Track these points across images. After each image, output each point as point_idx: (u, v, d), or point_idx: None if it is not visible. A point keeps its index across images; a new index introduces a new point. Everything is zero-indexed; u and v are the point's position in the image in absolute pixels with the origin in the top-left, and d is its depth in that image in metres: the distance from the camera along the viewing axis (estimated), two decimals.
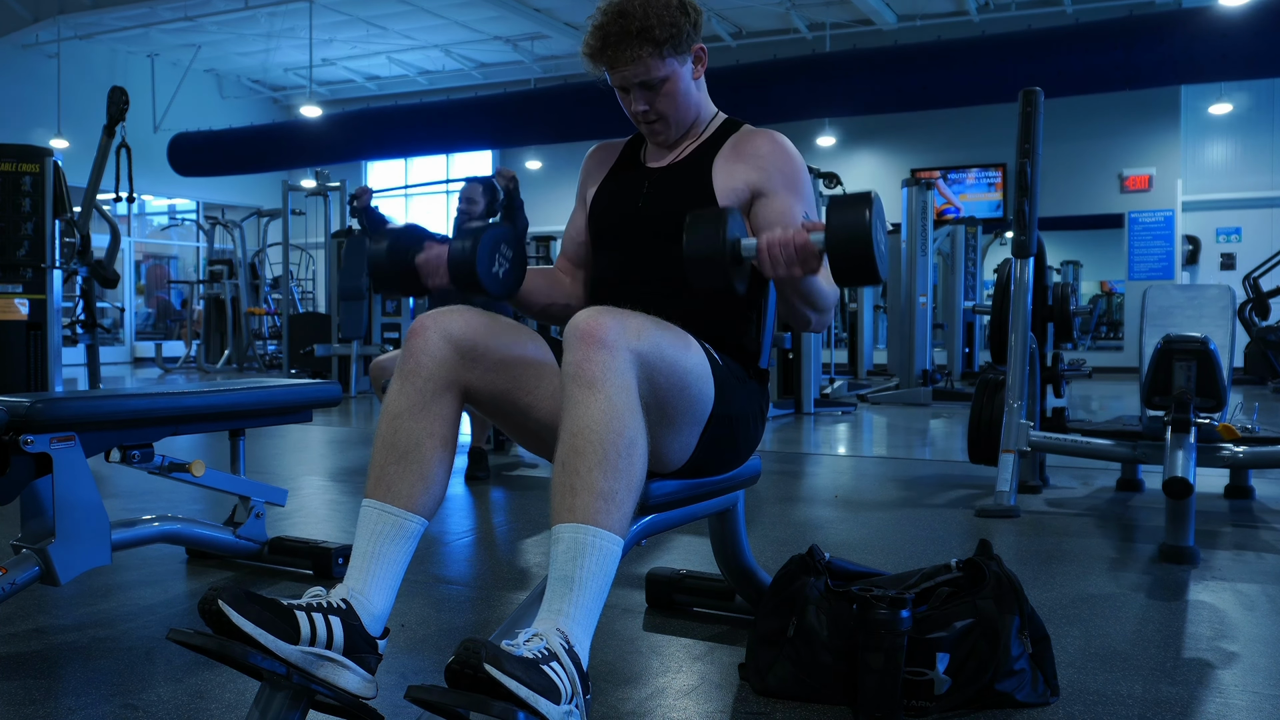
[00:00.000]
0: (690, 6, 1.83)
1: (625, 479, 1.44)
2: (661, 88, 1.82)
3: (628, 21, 1.76)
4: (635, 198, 1.91)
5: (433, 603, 2.48)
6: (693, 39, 1.83)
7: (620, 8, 1.78)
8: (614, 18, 1.78)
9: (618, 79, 1.83)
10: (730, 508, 2.03)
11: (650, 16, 1.77)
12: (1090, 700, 1.81)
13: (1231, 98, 12.87)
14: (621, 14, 1.77)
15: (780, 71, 11.21)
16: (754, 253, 1.58)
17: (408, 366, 1.63)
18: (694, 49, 1.85)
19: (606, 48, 1.79)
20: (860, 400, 8.61)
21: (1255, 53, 9.28)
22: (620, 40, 1.77)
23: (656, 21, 1.77)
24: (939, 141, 13.92)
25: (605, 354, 1.46)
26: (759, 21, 14.10)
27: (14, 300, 4.88)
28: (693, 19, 1.83)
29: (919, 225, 9.38)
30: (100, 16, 13.66)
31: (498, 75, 16.36)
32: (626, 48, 1.77)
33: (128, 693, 1.85)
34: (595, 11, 1.82)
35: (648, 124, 1.88)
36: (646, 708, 1.80)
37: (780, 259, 1.56)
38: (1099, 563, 2.88)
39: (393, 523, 1.55)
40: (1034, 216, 3.87)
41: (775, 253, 1.56)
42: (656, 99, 1.84)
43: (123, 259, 14.84)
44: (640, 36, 1.76)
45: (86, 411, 2.23)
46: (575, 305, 1.99)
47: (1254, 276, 8.83)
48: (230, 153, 14.85)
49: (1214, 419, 3.41)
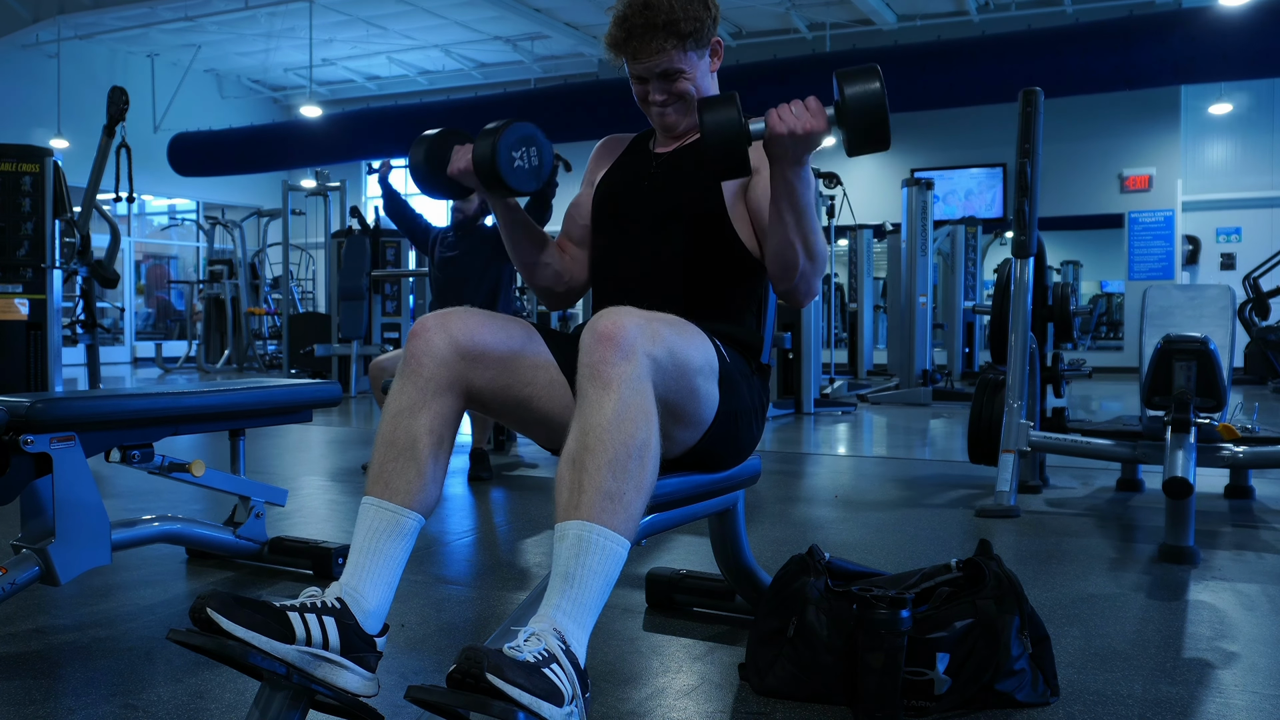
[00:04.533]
0: (711, 0, 1.85)
1: (634, 481, 1.43)
2: (681, 79, 1.85)
3: (653, 14, 1.78)
4: (641, 179, 1.94)
5: (433, 603, 2.48)
6: (712, 32, 1.86)
7: (645, 0, 1.79)
8: (639, 10, 1.80)
9: (638, 69, 1.85)
10: (730, 508, 2.03)
11: (675, 10, 1.79)
12: (1090, 700, 1.81)
13: (1231, 98, 12.87)
14: (647, 6, 1.79)
15: (780, 71, 11.21)
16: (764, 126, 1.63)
17: (409, 367, 1.63)
18: (713, 42, 1.88)
19: (631, 39, 1.81)
20: (860, 400, 8.61)
21: (1255, 53, 9.28)
22: (645, 32, 1.79)
23: (682, 15, 1.79)
24: (939, 141, 13.91)
25: (622, 358, 1.46)
26: (759, 21, 14.09)
27: (14, 300, 4.88)
28: (713, 13, 1.86)
29: (919, 225, 9.38)
30: (100, 16, 13.65)
31: (498, 75, 16.36)
32: (651, 39, 1.80)
33: (128, 693, 1.85)
34: (617, 3, 1.83)
35: (661, 112, 1.89)
36: (646, 708, 1.80)
37: (791, 114, 1.61)
38: (1099, 563, 2.88)
39: (389, 519, 1.55)
40: (1034, 216, 3.87)
41: (785, 111, 1.61)
42: (675, 90, 1.86)
43: (123, 259, 14.85)
44: (666, 30, 1.79)
45: (86, 411, 2.23)
46: (565, 278, 2.02)
47: (1254, 276, 8.82)
48: (230, 153, 14.85)
49: (1214, 419, 3.41)
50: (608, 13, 1.87)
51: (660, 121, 1.93)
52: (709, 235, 1.85)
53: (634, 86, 1.89)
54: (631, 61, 1.84)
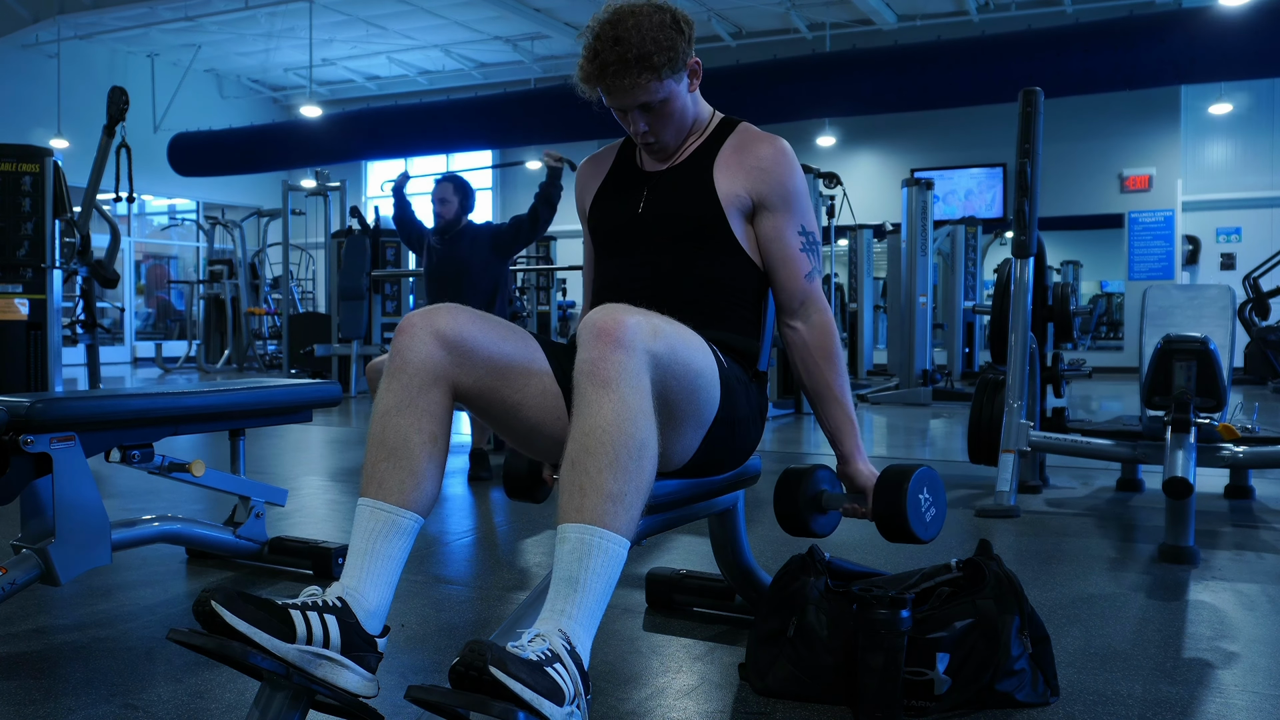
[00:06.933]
0: (683, 21, 1.81)
1: (635, 481, 1.43)
2: (661, 108, 1.82)
3: (624, 49, 1.74)
4: (635, 203, 1.92)
5: (433, 603, 2.48)
6: (688, 54, 1.82)
7: (615, 34, 1.75)
8: (610, 45, 1.75)
9: (615, 103, 1.82)
10: (730, 508, 2.03)
11: (647, 43, 1.74)
12: (1090, 700, 1.81)
13: (1231, 98, 12.87)
14: (617, 41, 1.74)
15: (780, 71, 11.20)
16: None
17: (395, 364, 1.62)
18: (690, 64, 1.84)
19: (604, 75, 1.77)
20: (860, 400, 8.60)
21: (1255, 53, 9.28)
22: (618, 69, 1.75)
23: (654, 47, 1.75)
24: (939, 141, 13.92)
25: (621, 354, 1.46)
26: (759, 21, 14.10)
27: (14, 300, 4.88)
28: (686, 34, 1.81)
29: (919, 225, 9.38)
30: (100, 16, 13.65)
31: (498, 75, 16.36)
32: (624, 76, 1.76)
33: (128, 693, 1.85)
34: (586, 30, 1.79)
35: (645, 143, 1.88)
36: (646, 708, 1.80)
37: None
38: (1099, 563, 2.88)
39: (385, 519, 1.54)
40: (1034, 216, 3.87)
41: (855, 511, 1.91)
42: (656, 119, 1.83)
43: (123, 259, 14.84)
44: (639, 64, 1.75)
45: (86, 411, 2.23)
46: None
47: (1254, 276, 8.81)
48: (230, 153, 14.84)
49: (1214, 419, 3.41)
50: (578, 41, 1.82)
51: (646, 150, 1.92)
52: (709, 248, 1.85)
53: (615, 114, 1.87)
54: (607, 96, 1.81)
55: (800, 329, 1.88)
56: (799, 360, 1.90)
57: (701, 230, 1.85)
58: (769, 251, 1.86)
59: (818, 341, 1.87)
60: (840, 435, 1.90)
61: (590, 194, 2.01)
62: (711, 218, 1.84)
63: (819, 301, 1.88)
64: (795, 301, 1.87)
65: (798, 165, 1.88)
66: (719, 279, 1.86)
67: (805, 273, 1.86)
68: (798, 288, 1.86)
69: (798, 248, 1.86)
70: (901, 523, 1.79)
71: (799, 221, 1.86)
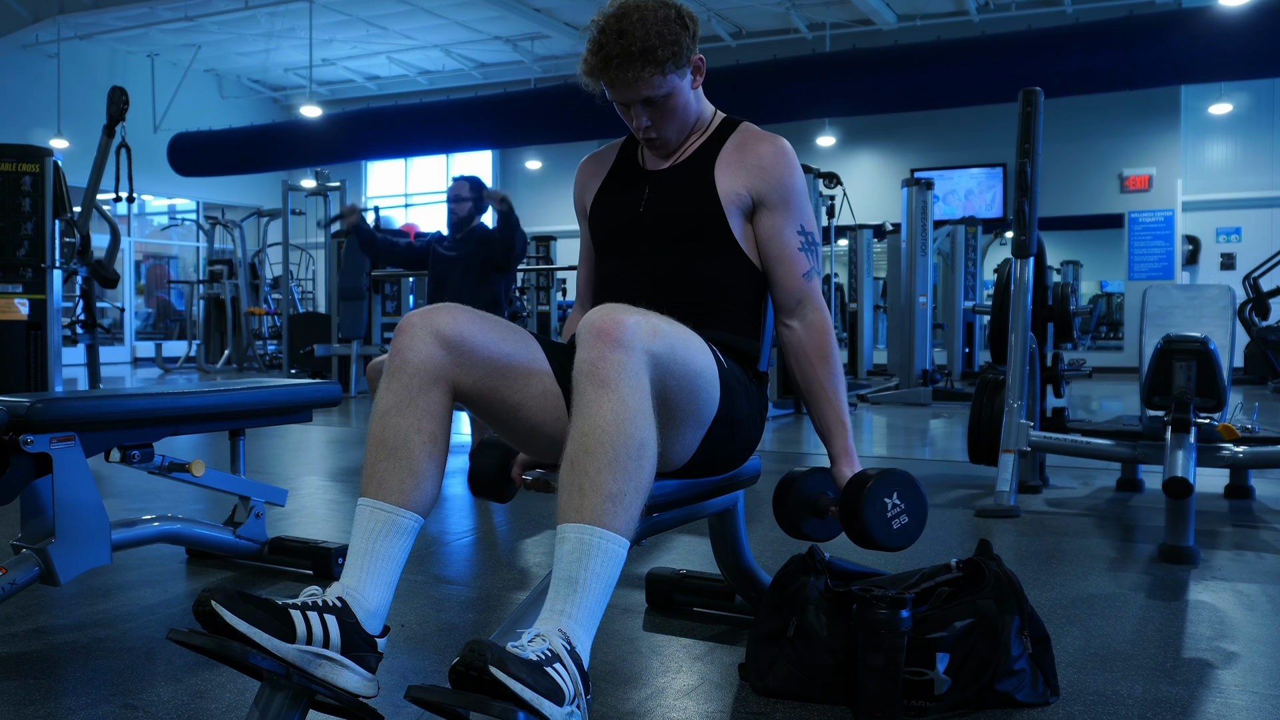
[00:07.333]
0: (688, 17, 1.81)
1: (634, 481, 1.43)
2: (664, 103, 1.82)
3: (629, 42, 1.74)
4: (636, 202, 1.91)
5: (433, 603, 2.48)
6: (692, 50, 1.82)
7: (620, 27, 1.75)
8: (614, 38, 1.75)
9: (618, 96, 1.82)
10: (730, 508, 2.03)
11: (651, 36, 1.74)
12: (1090, 700, 1.81)
13: (1231, 98, 12.87)
14: (621, 34, 1.74)
15: (780, 71, 11.20)
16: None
17: (395, 363, 1.62)
18: (693, 60, 1.84)
19: (608, 68, 1.77)
20: (860, 400, 8.61)
21: (1255, 53, 9.28)
22: (622, 62, 1.75)
23: (658, 41, 1.75)
24: (939, 141, 13.92)
25: (621, 353, 1.45)
26: (759, 21, 14.10)
27: (14, 300, 4.88)
28: (691, 30, 1.81)
29: (919, 225, 9.38)
30: (100, 16, 13.66)
31: (498, 75, 16.36)
32: (628, 69, 1.75)
33: (128, 693, 1.85)
34: (591, 24, 1.79)
35: (647, 138, 1.88)
36: (646, 708, 1.80)
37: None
38: (1099, 563, 2.88)
39: (385, 519, 1.54)
40: (1034, 216, 3.87)
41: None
42: (658, 114, 1.83)
43: (123, 259, 14.85)
44: (643, 57, 1.75)
45: (86, 411, 2.23)
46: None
47: (1254, 276, 8.81)
48: (230, 153, 14.85)
49: (1214, 419, 3.41)
50: (582, 34, 1.82)
51: (648, 145, 1.91)
52: (710, 248, 1.85)
53: (618, 109, 1.87)
54: (610, 89, 1.81)
55: (796, 328, 1.88)
56: (794, 359, 1.89)
57: (702, 230, 1.84)
58: (767, 250, 1.86)
59: (813, 341, 1.87)
60: (830, 437, 1.91)
61: (591, 192, 2.01)
62: (712, 217, 1.84)
63: (816, 301, 1.88)
64: (792, 301, 1.87)
65: (798, 165, 1.88)
66: (719, 279, 1.86)
67: (803, 272, 1.86)
68: (795, 287, 1.86)
69: (796, 247, 1.86)
70: (860, 528, 1.76)
71: (798, 221, 1.86)
